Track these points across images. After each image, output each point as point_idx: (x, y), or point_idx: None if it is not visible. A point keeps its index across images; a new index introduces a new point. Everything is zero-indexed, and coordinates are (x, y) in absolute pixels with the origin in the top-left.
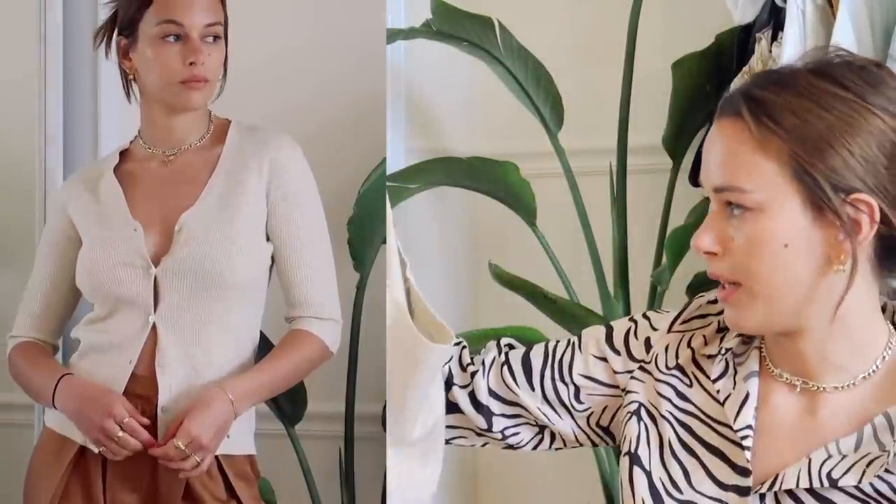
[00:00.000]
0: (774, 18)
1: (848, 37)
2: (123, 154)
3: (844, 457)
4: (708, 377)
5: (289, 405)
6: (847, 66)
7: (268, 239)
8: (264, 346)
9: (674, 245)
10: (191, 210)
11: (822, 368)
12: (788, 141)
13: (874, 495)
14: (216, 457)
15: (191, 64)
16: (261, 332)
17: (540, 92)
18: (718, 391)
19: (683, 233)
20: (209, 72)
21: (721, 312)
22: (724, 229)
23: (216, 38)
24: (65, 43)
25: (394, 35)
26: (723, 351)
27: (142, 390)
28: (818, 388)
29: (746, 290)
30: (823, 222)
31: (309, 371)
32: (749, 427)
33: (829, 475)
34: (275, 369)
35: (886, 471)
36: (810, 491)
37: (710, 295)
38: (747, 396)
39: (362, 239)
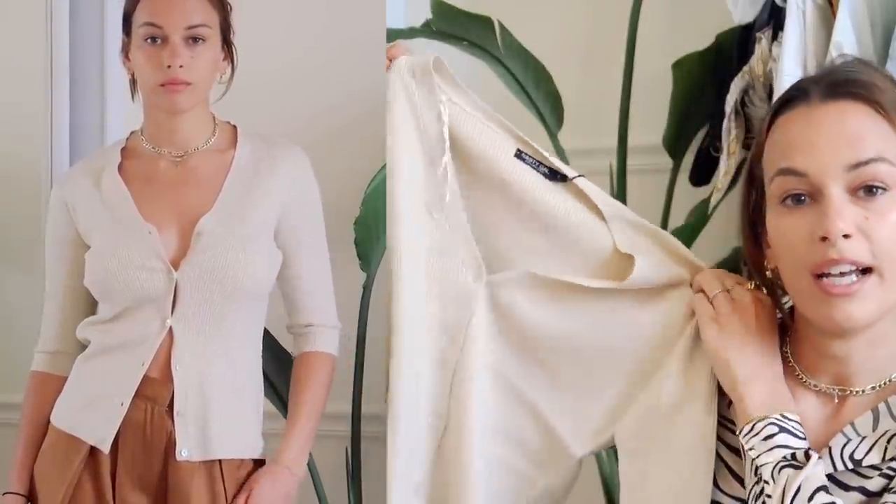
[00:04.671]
0: (774, 18)
1: (848, 37)
2: (123, 151)
3: (864, 437)
4: None
5: None
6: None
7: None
8: (271, 347)
9: None
10: (209, 215)
11: (861, 371)
12: None
13: None
14: (219, 461)
15: (168, 67)
16: (268, 332)
17: (540, 92)
18: None
19: (683, 233)
20: (191, 75)
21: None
22: (853, 210)
23: (202, 40)
24: (71, 43)
25: (394, 35)
26: None
27: (151, 392)
28: (854, 392)
29: (879, 274)
30: None
31: (329, 389)
32: None
33: (851, 457)
34: (313, 412)
35: None
36: (832, 478)
37: None
38: None
39: (369, 239)
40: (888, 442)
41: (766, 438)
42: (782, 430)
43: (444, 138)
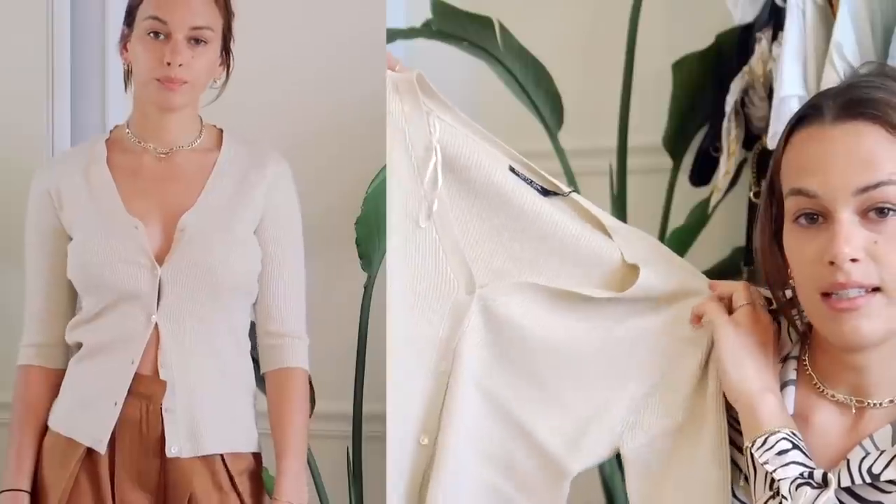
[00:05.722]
0: (774, 18)
1: (848, 37)
2: (108, 143)
3: (882, 451)
4: None
5: None
6: None
7: None
8: None
9: (674, 245)
10: (192, 210)
11: (879, 384)
12: None
13: None
14: (221, 455)
15: (168, 64)
16: None
17: (540, 92)
18: None
19: (683, 233)
20: (189, 74)
21: (771, 313)
22: (861, 234)
23: (203, 42)
24: (72, 43)
25: (394, 35)
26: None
27: (146, 390)
28: (872, 404)
29: (887, 293)
30: None
31: (308, 407)
32: None
33: (869, 471)
34: (301, 439)
35: None
36: (850, 492)
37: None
38: None
39: (370, 238)
40: None
41: (780, 453)
42: (795, 446)
43: (433, 146)
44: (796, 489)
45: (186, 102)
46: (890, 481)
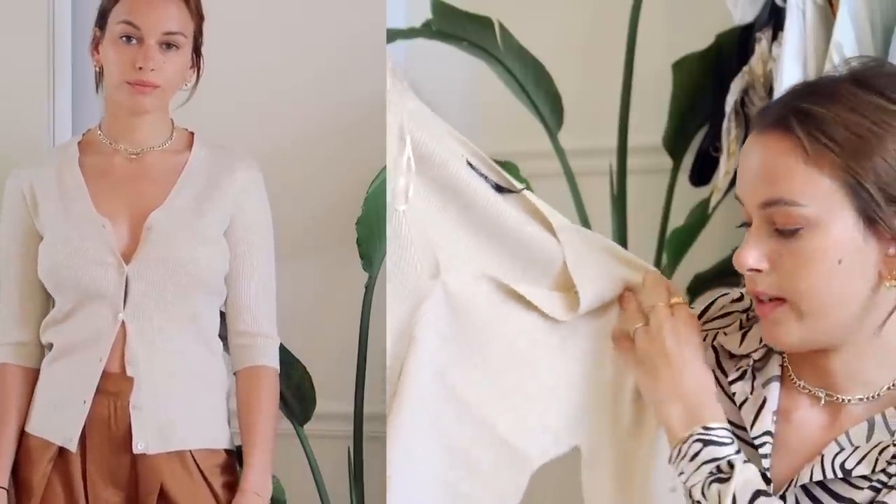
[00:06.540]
0: (774, 18)
1: (848, 37)
2: (81, 145)
3: (857, 448)
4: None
5: (298, 405)
6: (887, 77)
7: None
8: None
9: (674, 245)
10: (160, 210)
11: (848, 383)
12: (842, 155)
13: (889, 482)
14: (190, 451)
15: (140, 68)
16: None
17: (540, 92)
18: (735, 394)
19: (683, 233)
20: (160, 78)
21: (746, 310)
22: (769, 245)
23: (175, 46)
24: (73, 43)
25: (394, 35)
26: (747, 354)
27: (113, 387)
28: (842, 399)
29: (793, 306)
30: (876, 237)
31: (277, 404)
32: (768, 433)
33: (842, 466)
34: (269, 434)
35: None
36: (824, 486)
37: (735, 293)
38: (764, 402)
39: (371, 239)
40: (880, 454)
41: (692, 459)
42: (706, 443)
43: (405, 135)
44: (708, 488)
45: (157, 106)
46: (862, 477)
